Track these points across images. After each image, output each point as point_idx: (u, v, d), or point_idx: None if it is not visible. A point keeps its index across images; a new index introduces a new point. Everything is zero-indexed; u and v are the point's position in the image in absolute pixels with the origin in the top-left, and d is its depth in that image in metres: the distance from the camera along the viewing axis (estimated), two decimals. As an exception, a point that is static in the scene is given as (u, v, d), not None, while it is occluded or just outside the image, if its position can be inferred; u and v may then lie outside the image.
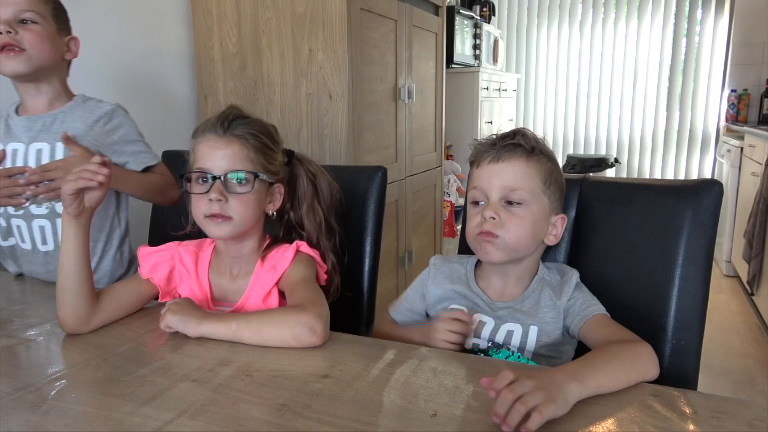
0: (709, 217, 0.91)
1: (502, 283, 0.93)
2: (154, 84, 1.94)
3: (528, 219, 0.87)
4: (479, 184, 0.89)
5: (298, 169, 1.00)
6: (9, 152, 1.11)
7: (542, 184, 0.88)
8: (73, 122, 1.12)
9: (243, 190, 0.88)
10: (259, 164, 0.90)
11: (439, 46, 2.59)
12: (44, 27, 1.07)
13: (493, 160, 0.88)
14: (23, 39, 1.04)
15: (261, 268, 0.94)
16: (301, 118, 1.91)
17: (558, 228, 0.92)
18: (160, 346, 0.81)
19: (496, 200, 0.87)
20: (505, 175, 0.87)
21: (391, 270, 2.22)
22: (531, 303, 0.90)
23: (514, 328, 0.88)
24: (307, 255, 0.95)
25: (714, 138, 4.14)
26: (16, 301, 1.06)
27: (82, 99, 1.17)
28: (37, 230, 1.12)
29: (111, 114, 1.15)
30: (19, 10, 1.04)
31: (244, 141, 0.89)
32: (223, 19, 1.96)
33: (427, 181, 2.57)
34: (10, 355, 0.79)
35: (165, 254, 0.95)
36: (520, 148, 0.88)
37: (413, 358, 0.76)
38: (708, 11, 4.05)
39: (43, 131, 1.11)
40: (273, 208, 0.95)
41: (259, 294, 0.92)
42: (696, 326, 0.90)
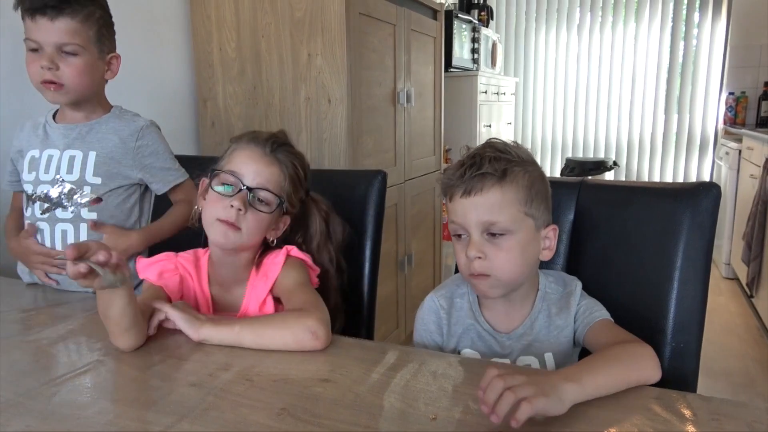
0: (707, 219, 0.91)
1: (508, 307, 0.89)
2: (153, 88, 1.94)
3: (515, 249, 0.81)
4: (456, 219, 0.84)
5: (311, 207, 1.02)
6: (45, 157, 1.14)
7: (523, 206, 0.82)
8: (107, 133, 1.15)
9: (263, 210, 0.90)
10: (286, 193, 0.93)
11: (437, 50, 2.60)
12: (84, 58, 1.08)
13: (464, 194, 0.81)
14: (63, 74, 1.06)
15: (255, 277, 0.94)
16: (300, 123, 1.91)
17: (551, 240, 0.87)
18: (160, 350, 0.81)
19: (478, 236, 0.81)
20: (480, 209, 0.80)
21: (391, 274, 2.23)
22: (541, 326, 0.87)
23: (530, 361, 0.86)
24: (297, 259, 0.95)
25: (712, 141, 4.15)
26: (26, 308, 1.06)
27: (119, 111, 1.20)
28: (59, 234, 1.13)
29: (144, 130, 1.17)
30: (61, 43, 1.05)
31: (283, 167, 0.92)
32: (222, 24, 1.97)
33: (427, 184, 2.57)
34: (13, 360, 0.79)
35: (167, 264, 0.95)
36: (489, 177, 0.80)
37: (413, 362, 0.77)
38: (705, 14, 4.07)
39: (78, 139, 1.14)
40: (274, 235, 0.96)
41: (255, 303, 0.93)
42: (695, 328, 0.90)
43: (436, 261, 2.77)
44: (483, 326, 0.89)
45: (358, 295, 1.15)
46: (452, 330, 0.91)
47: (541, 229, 0.86)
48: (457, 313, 0.92)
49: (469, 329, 0.90)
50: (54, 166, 1.13)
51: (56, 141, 1.14)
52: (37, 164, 1.14)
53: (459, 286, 0.94)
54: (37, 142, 1.16)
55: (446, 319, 0.92)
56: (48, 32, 1.03)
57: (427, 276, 2.66)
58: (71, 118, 1.16)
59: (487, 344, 0.89)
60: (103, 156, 1.13)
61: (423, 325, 0.93)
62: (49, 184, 1.12)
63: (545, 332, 0.87)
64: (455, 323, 0.91)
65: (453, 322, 0.91)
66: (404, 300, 2.37)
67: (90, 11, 1.08)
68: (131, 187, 1.18)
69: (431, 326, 0.92)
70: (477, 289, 0.86)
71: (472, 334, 0.90)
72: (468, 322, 0.90)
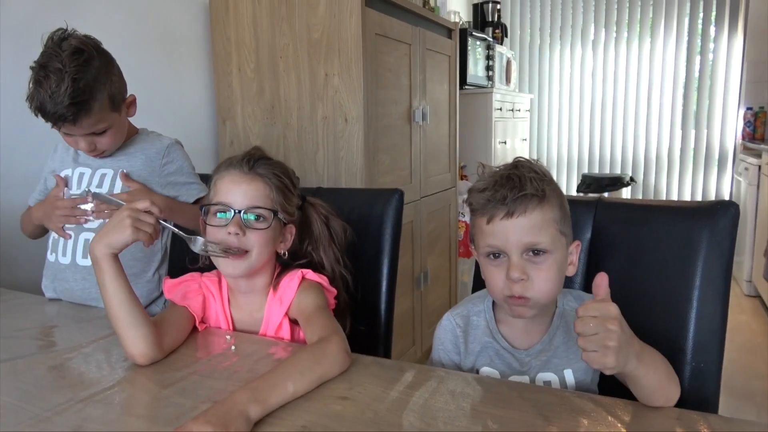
0: (726, 238, 0.91)
1: (526, 324, 0.89)
2: (175, 108, 1.99)
3: (554, 269, 0.82)
4: (493, 242, 0.82)
5: (311, 212, 1.03)
6: (76, 175, 1.21)
7: (559, 225, 0.83)
8: (135, 153, 1.23)
9: (260, 226, 0.90)
10: (278, 203, 0.93)
11: (452, 68, 2.62)
12: (112, 128, 1.15)
13: (506, 216, 0.80)
14: (102, 145, 1.15)
15: (273, 299, 0.96)
16: (317, 141, 1.94)
17: (574, 255, 0.88)
18: (182, 366, 0.83)
19: (518, 257, 0.81)
20: (523, 230, 0.80)
21: (407, 291, 2.23)
22: (559, 342, 0.87)
23: (550, 378, 0.86)
24: (314, 282, 0.96)
25: (731, 156, 4.11)
26: (48, 324, 1.09)
27: (145, 133, 1.28)
28: (81, 243, 1.17)
29: (168, 148, 1.24)
30: (90, 133, 1.12)
31: (266, 180, 0.93)
32: (242, 46, 2.02)
33: (442, 201, 2.58)
34: (39, 376, 0.81)
35: (191, 284, 0.97)
36: (532, 198, 0.80)
37: (432, 380, 0.77)
38: (721, 29, 4.05)
39: (109, 159, 1.21)
40: (284, 248, 0.97)
41: (273, 327, 0.94)
42: (715, 348, 0.89)
43: (452, 278, 2.77)
44: (501, 343, 0.89)
45: (376, 312, 1.16)
46: (469, 348, 0.91)
47: (569, 245, 0.87)
48: (473, 332, 0.92)
49: (487, 347, 0.90)
50: (85, 182, 1.20)
51: (88, 160, 1.21)
52: (70, 181, 1.20)
53: (476, 304, 0.94)
54: (70, 161, 1.23)
55: (463, 338, 0.92)
56: (76, 130, 1.10)
57: (443, 293, 2.66)
58: None
59: (505, 361, 0.89)
60: (131, 173, 1.19)
61: (440, 344, 0.94)
62: (82, 197, 1.17)
63: (564, 348, 0.87)
64: (472, 341, 0.91)
65: (470, 341, 0.92)
66: (420, 317, 2.37)
67: (99, 95, 1.08)
68: None
69: (448, 345, 0.93)
70: (512, 310, 0.85)
71: (490, 351, 0.90)
72: (485, 339, 0.90)
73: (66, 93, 1.01)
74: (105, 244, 0.84)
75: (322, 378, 0.75)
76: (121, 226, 0.84)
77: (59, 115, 1.04)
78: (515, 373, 0.88)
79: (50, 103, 1.03)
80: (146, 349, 0.82)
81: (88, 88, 1.05)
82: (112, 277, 0.84)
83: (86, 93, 1.05)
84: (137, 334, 0.82)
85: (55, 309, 1.17)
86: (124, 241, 0.84)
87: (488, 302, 0.92)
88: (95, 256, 0.84)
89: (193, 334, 0.94)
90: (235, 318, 0.98)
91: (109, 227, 0.85)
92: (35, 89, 1.04)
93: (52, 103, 1.03)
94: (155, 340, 0.83)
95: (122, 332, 0.83)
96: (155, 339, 0.83)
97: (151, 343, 0.83)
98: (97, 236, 0.86)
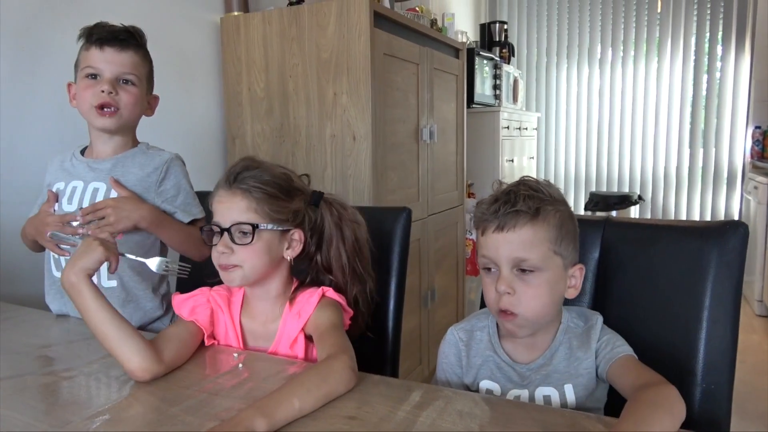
0: (735, 258, 0.91)
1: (529, 339, 0.90)
2: (186, 126, 2.01)
3: (543, 287, 0.83)
4: (486, 253, 0.85)
5: (325, 212, 1.01)
6: (69, 189, 1.18)
7: (553, 244, 0.84)
8: (133, 167, 1.19)
9: (245, 242, 0.90)
10: (264, 214, 0.91)
11: (459, 87, 2.65)
12: (139, 88, 1.17)
13: (496, 229, 0.83)
14: (120, 100, 1.14)
15: (289, 312, 0.95)
16: (325, 159, 1.96)
17: (577, 279, 0.88)
18: (189, 385, 0.83)
19: (507, 271, 0.83)
20: (512, 245, 0.82)
21: (414, 309, 2.22)
22: (561, 358, 0.87)
23: (549, 392, 0.86)
24: (333, 300, 0.96)
25: (740, 175, 4.10)
26: (57, 341, 1.09)
27: (146, 147, 1.25)
28: None
29: (168, 163, 1.21)
30: (123, 72, 1.14)
31: (247, 193, 0.91)
32: (252, 66, 2.05)
33: (450, 219, 2.59)
34: (48, 393, 0.82)
35: (200, 298, 0.97)
36: (523, 214, 0.82)
37: (439, 400, 0.77)
38: (728, 48, 4.07)
39: (103, 172, 1.19)
40: (291, 254, 0.96)
41: (287, 340, 0.94)
42: (726, 370, 0.88)
43: (459, 296, 2.76)
44: (502, 357, 0.90)
45: (383, 331, 1.16)
46: (471, 362, 0.92)
47: (568, 267, 0.87)
48: (476, 346, 0.93)
49: (488, 360, 0.91)
50: (77, 197, 1.17)
51: (82, 173, 1.19)
52: (62, 195, 1.18)
53: (480, 319, 0.96)
54: (63, 174, 1.21)
55: (465, 351, 0.93)
56: (114, 62, 1.13)
57: (450, 311, 2.65)
58: (99, 152, 1.21)
59: (506, 375, 0.89)
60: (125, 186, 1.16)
61: (444, 357, 0.96)
62: (72, 214, 1.15)
63: (565, 364, 0.87)
64: (474, 355, 0.93)
65: (472, 354, 0.93)
66: (428, 335, 2.36)
67: (145, 52, 1.20)
68: None
69: (452, 358, 0.95)
70: (504, 327, 0.87)
71: (491, 365, 0.91)
72: (487, 353, 0.91)
73: (123, 26, 1.15)
74: (78, 268, 0.84)
75: (329, 396, 0.75)
76: (90, 249, 0.85)
77: (114, 33, 1.12)
78: (515, 387, 0.88)
79: (107, 25, 1.13)
80: (143, 362, 0.82)
81: (140, 35, 1.18)
82: (93, 298, 0.84)
83: (139, 34, 1.18)
84: (130, 348, 0.82)
85: (62, 325, 1.17)
86: (97, 260, 0.85)
87: (492, 318, 0.93)
88: (71, 282, 0.83)
89: (201, 351, 0.95)
90: (246, 328, 0.98)
91: (78, 253, 0.85)
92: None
93: (108, 25, 1.13)
94: (151, 354, 0.83)
95: (115, 350, 0.83)
96: (151, 352, 0.83)
97: (146, 357, 0.83)
98: (67, 266, 0.85)
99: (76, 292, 0.84)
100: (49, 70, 1.56)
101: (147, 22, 1.85)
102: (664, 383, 0.76)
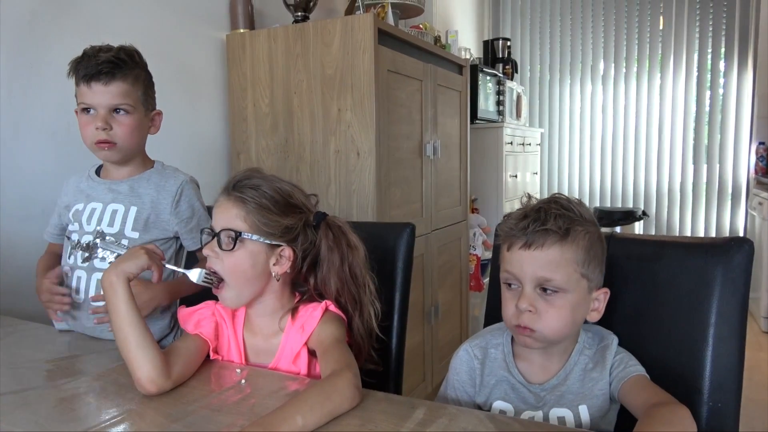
0: (740, 275, 0.90)
1: (545, 360, 0.89)
2: (191, 142, 2.03)
3: (566, 308, 0.82)
4: (510, 269, 0.84)
5: (322, 234, 0.98)
6: (88, 210, 1.20)
7: (580, 267, 0.82)
8: (149, 189, 1.21)
9: (226, 248, 0.90)
10: (252, 224, 0.91)
11: (463, 103, 2.66)
12: (134, 116, 1.17)
13: (523, 246, 0.82)
14: (115, 134, 1.15)
15: (291, 327, 0.95)
16: (329, 175, 1.97)
17: (601, 303, 0.87)
18: (192, 401, 0.83)
19: (531, 289, 0.82)
20: (538, 263, 0.81)
21: (417, 325, 2.21)
22: (576, 378, 0.86)
23: (564, 414, 0.85)
24: (336, 314, 0.96)
25: (745, 190, 4.09)
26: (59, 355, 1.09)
27: (161, 166, 1.27)
28: (94, 282, 1.17)
29: (183, 185, 1.24)
30: (114, 104, 1.14)
31: (240, 202, 0.92)
32: (257, 82, 2.07)
33: (453, 234, 2.58)
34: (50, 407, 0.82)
35: (205, 311, 0.98)
36: (552, 234, 0.81)
37: (443, 417, 0.76)
38: (731, 64, 4.09)
39: (121, 194, 1.21)
40: (278, 270, 0.94)
41: (290, 354, 0.93)
42: (733, 387, 0.88)
43: (462, 312, 2.75)
44: (516, 378, 0.89)
45: (387, 348, 1.15)
46: (485, 381, 0.91)
47: (593, 291, 0.86)
48: (490, 365, 0.91)
49: (502, 381, 0.89)
50: (96, 218, 1.19)
51: (100, 195, 1.21)
52: (80, 215, 1.20)
53: (495, 336, 0.94)
54: (82, 196, 1.23)
55: (480, 371, 0.92)
56: (103, 95, 1.13)
57: (453, 327, 2.64)
58: (115, 174, 1.23)
59: (520, 396, 0.88)
60: (142, 211, 1.19)
61: (456, 375, 0.93)
62: (91, 235, 1.18)
63: (579, 385, 0.86)
64: (488, 374, 0.91)
65: (486, 374, 0.91)
66: (431, 352, 2.34)
67: (137, 74, 1.17)
68: (168, 241, 1.23)
69: (464, 377, 0.93)
70: (519, 339, 0.86)
71: (505, 385, 0.89)
72: (501, 374, 0.90)
73: (109, 52, 1.12)
74: (120, 270, 0.88)
75: (332, 413, 0.75)
76: (135, 255, 0.89)
77: (97, 66, 1.10)
78: (529, 408, 0.87)
79: (91, 57, 1.11)
80: (154, 374, 0.83)
81: (130, 56, 1.16)
82: (125, 300, 0.86)
83: (128, 58, 1.15)
84: (146, 357, 0.83)
85: (66, 340, 1.17)
86: (139, 266, 0.88)
87: (507, 336, 0.92)
88: (110, 281, 0.87)
89: (205, 366, 0.94)
90: (248, 343, 0.98)
91: (124, 257, 0.90)
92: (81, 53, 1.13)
93: (93, 58, 1.11)
94: (163, 367, 0.84)
95: (131, 355, 0.84)
96: (163, 366, 0.84)
97: (158, 369, 0.83)
98: (111, 266, 0.89)
99: (112, 292, 0.87)
100: (49, 73, 1.54)
101: (154, 38, 1.88)
102: (677, 404, 0.75)
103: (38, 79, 1.54)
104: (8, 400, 0.83)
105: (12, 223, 1.48)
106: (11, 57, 1.49)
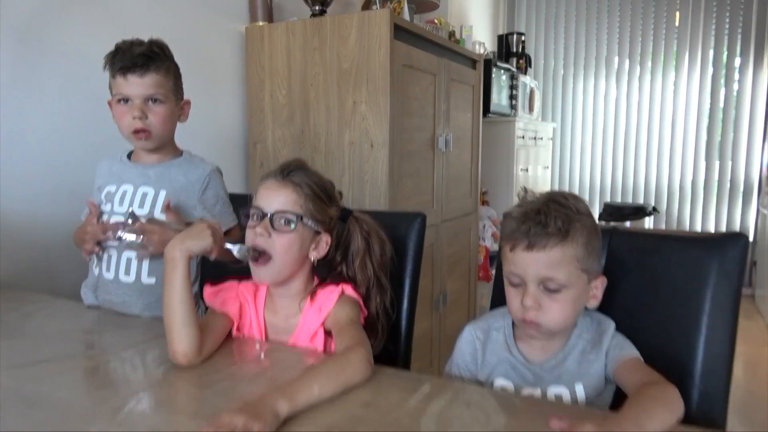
0: (735, 268, 0.95)
1: (545, 342, 0.94)
2: (210, 131, 2.09)
3: (568, 302, 0.87)
4: (514, 270, 0.89)
5: (354, 226, 1.08)
6: (120, 193, 1.27)
7: (580, 263, 0.87)
8: (178, 175, 1.29)
9: (285, 230, 0.97)
10: (307, 210, 0.99)
11: (476, 97, 2.70)
12: (167, 105, 1.25)
13: (526, 248, 0.86)
14: (151, 123, 1.22)
15: (309, 308, 1.01)
16: (343, 165, 2.02)
17: (598, 290, 0.93)
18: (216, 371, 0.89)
19: (534, 288, 0.87)
20: (541, 264, 0.86)
21: (426, 312, 2.27)
22: (574, 359, 0.92)
23: (561, 391, 0.90)
24: (351, 297, 1.02)
25: (756, 188, 4.09)
26: (89, 329, 1.16)
27: (189, 155, 1.35)
28: (123, 261, 1.25)
29: (210, 174, 1.32)
30: (149, 94, 1.21)
31: (297, 188, 0.99)
32: (275, 74, 2.13)
33: (463, 226, 2.64)
34: (84, 375, 0.89)
35: (230, 291, 1.04)
36: (553, 236, 0.85)
37: (448, 391, 0.82)
38: (746, 61, 4.07)
39: (151, 178, 1.28)
40: (316, 255, 1.02)
41: (307, 333, 1.00)
42: (723, 373, 0.93)
43: (470, 301, 2.80)
44: (516, 358, 0.95)
45: (396, 332, 1.21)
46: (486, 360, 0.97)
47: (592, 281, 0.92)
48: (492, 345, 0.98)
49: (503, 361, 0.96)
50: (128, 200, 1.27)
51: (132, 178, 1.29)
52: (112, 197, 1.27)
53: (497, 319, 1.00)
54: (114, 178, 1.30)
55: (481, 351, 0.98)
56: (138, 86, 1.20)
57: (461, 315, 2.70)
58: (146, 159, 1.31)
59: (520, 374, 0.94)
60: (171, 194, 1.26)
61: (460, 354, 1.00)
62: (123, 216, 1.23)
63: (576, 365, 0.92)
64: (490, 354, 0.97)
65: (488, 353, 0.98)
66: (438, 338, 2.41)
67: (168, 65, 1.25)
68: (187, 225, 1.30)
69: (467, 357, 0.99)
70: (525, 330, 0.93)
71: (506, 365, 0.95)
72: (503, 354, 0.96)
73: (142, 46, 1.20)
74: (185, 247, 0.92)
75: (346, 384, 0.81)
76: (201, 234, 0.93)
77: (133, 59, 1.17)
78: (528, 385, 0.92)
79: (126, 51, 1.18)
80: (189, 350, 0.89)
81: (162, 49, 1.23)
82: (182, 277, 0.91)
83: (161, 51, 1.23)
84: (188, 333, 0.89)
85: (95, 315, 1.24)
86: (203, 247, 0.93)
87: (508, 319, 0.98)
88: (173, 255, 0.91)
89: (228, 342, 1.01)
90: (268, 322, 1.04)
91: (189, 234, 0.94)
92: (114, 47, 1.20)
93: (127, 51, 1.18)
94: (198, 344, 0.90)
95: (174, 328, 0.89)
96: (198, 344, 0.90)
97: (194, 346, 0.90)
98: (175, 240, 0.93)
99: (172, 266, 0.91)
100: (55, 62, 1.58)
101: (175, 31, 1.94)
102: (666, 382, 0.81)
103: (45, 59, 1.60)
104: (49, 367, 0.90)
105: (42, 205, 1.55)
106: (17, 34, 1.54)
